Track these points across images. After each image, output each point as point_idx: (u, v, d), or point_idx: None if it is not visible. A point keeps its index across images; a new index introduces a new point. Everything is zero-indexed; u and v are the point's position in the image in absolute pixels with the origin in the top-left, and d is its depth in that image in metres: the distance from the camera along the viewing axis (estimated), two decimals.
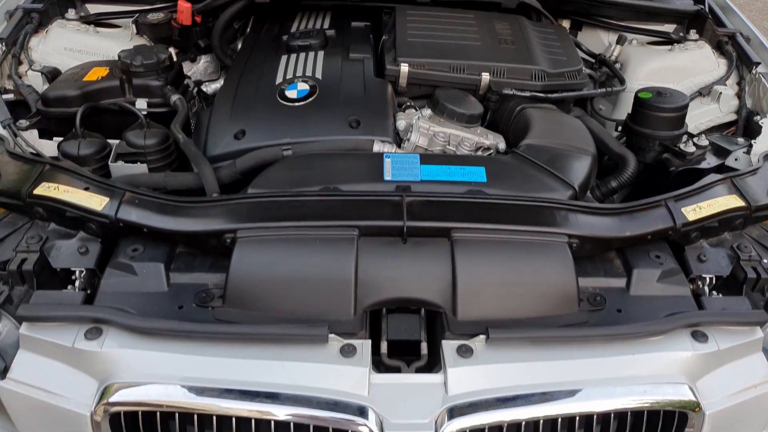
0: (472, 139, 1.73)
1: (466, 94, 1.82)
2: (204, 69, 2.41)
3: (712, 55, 2.19)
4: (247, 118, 1.73)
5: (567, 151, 1.65)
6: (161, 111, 1.87)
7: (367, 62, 1.93)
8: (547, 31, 2.11)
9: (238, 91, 1.82)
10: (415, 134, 1.68)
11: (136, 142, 1.75)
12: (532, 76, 1.89)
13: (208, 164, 1.58)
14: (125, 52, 1.86)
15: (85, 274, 1.41)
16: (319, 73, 1.85)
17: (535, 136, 1.68)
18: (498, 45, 1.96)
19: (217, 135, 1.71)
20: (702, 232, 1.52)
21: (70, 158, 1.73)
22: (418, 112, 1.79)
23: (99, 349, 1.25)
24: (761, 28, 5.77)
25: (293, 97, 1.76)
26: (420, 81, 1.89)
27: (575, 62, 1.96)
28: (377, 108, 1.74)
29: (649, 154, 1.93)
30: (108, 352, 1.25)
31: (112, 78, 1.86)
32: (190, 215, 1.43)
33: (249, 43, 2.16)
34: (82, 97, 1.82)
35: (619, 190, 1.80)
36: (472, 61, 1.88)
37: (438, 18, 2.07)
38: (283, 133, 1.68)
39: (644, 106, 1.88)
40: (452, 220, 1.39)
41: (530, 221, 1.42)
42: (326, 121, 1.70)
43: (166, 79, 1.87)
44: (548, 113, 1.80)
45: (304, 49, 2.00)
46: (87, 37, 2.08)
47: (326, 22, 2.24)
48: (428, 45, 1.92)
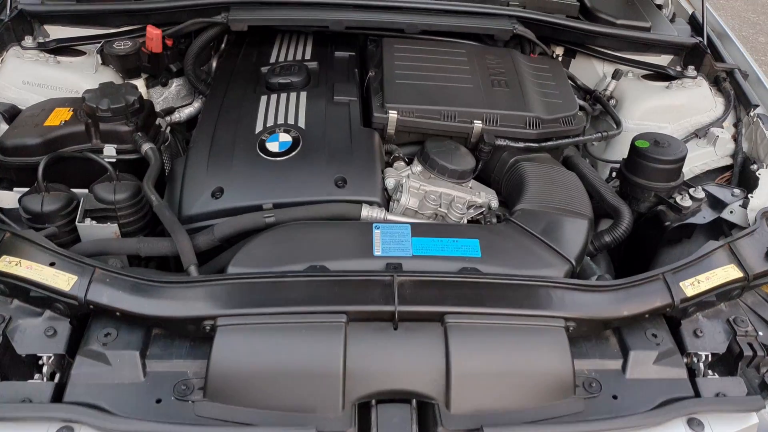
0: (464, 197, 1.65)
1: (457, 146, 1.73)
2: (177, 93, 2.27)
3: (709, 94, 2.12)
4: (224, 174, 1.61)
5: (563, 217, 1.58)
6: (132, 158, 1.74)
7: (353, 106, 1.82)
8: (542, 68, 2.01)
9: (215, 139, 1.70)
10: (405, 196, 1.59)
11: (105, 197, 1.64)
12: (526, 123, 1.80)
13: (184, 233, 1.48)
14: (90, 93, 1.72)
15: (53, 360, 1.32)
16: (302, 120, 1.74)
17: (530, 199, 1.60)
18: (491, 87, 1.86)
19: (192, 193, 1.60)
20: (699, 306, 1.48)
21: (33, 215, 1.61)
22: (407, 168, 1.70)
23: None
24: (747, 21, 5.73)
25: (275, 151, 1.65)
26: (409, 129, 1.79)
27: (571, 106, 1.88)
28: (364, 164, 1.64)
29: (643, 204, 1.87)
30: None
31: (76, 122, 1.72)
32: (167, 297, 1.33)
33: (225, 73, 2.02)
34: (43, 146, 1.68)
35: (612, 245, 1.74)
36: (463, 107, 1.78)
37: (427, 53, 1.96)
38: (264, 193, 1.57)
39: (641, 155, 1.81)
40: (446, 304, 1.32)
41: (526, 304, 1.35)
42: (311, 180, 1.60)
43: (136, 123, 1.74)
44: (542, 169, 1.72)
45: (285, 88, 1.87)
46: (47, 69, 1.92)
47: (308, 48, 2.11)
48: (417, 89, 1.81)
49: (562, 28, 2.14)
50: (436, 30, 2.06)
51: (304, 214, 1.52)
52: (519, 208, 1.58)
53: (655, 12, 2.36)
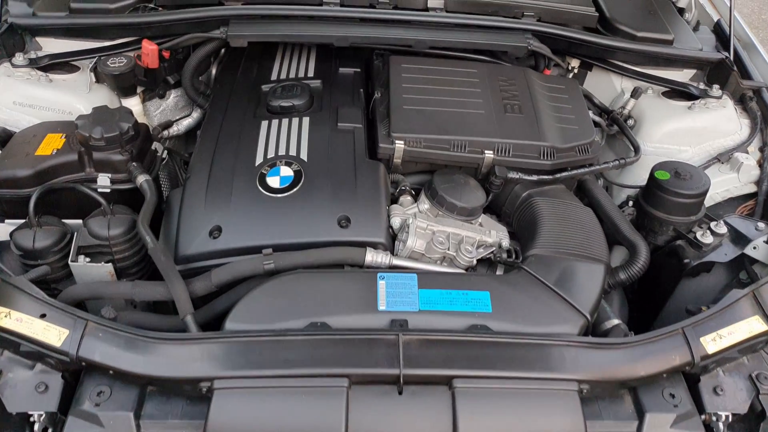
0: (474, 237, 1.57)
1: (466, 180, 1.64)
2: (175, 104, 2.19)
3: (734, 115, 2.01)
4: (223, 211, 1.54)
5: (578, 263, 1.50)
6: (126, 188, 1.67)
7: (358, 134, 1.73)
8: (557, 88, 1.91)
9: (213, 170, 1.62)
10: (411, 238, 1.51)
11: (99, 233, 1.57)
12: (540, 153, 1.71)
13: (180, 280, 1.41)
14: (83, 120, 1.64)
15: (45, 417, 1.26)
16: (304, 151, 1.65)
17: (544, 243, 1.52)
18: (504, 113, 1.76)
19: (190, 231, 1.52)
20: (719, 361, 1.41)
21: (24, 251, 1.54)
22: (414, 205, 1.62)
23: None
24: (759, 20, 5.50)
25: (275, 187, 1.57)
26: (416, 159, 1.71)
27: (587, 133, 1.78)
28: (369, 203, 1.56)
29: (660, 237, 1.79)
30: None
31: (68, 151, 1.65)
32: (162, 355, 1.27)
33: (224, 90, 1.93)
34: (35, 177, 1.61)
35: (627, 283, 1.67)
36: (474, 137, 1.69)
37: (436, 73, 1.85)
38: (264, 234, 1.50)
39: (660, 188, 1.73)
40: (453, 367, 1.26)
41: (538, 366, 1.29)
42: (313, 220, 1.52)
43: (131, 152, 1.66)
44: (556, 207, 1.64)
45: (286, 112, 1.78)
46: (39, 89, 1.82)
47: (311, 63, 2.01)
48: (425, 115, 1.72)
49: (579, 42, 2.02)
50: (446, 47, 1.95)
51: (305, 260, 1.45)
52: (532, 254, 1.50)
53: (677, 21, 2.23)
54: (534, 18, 2.07)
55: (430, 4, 2.03)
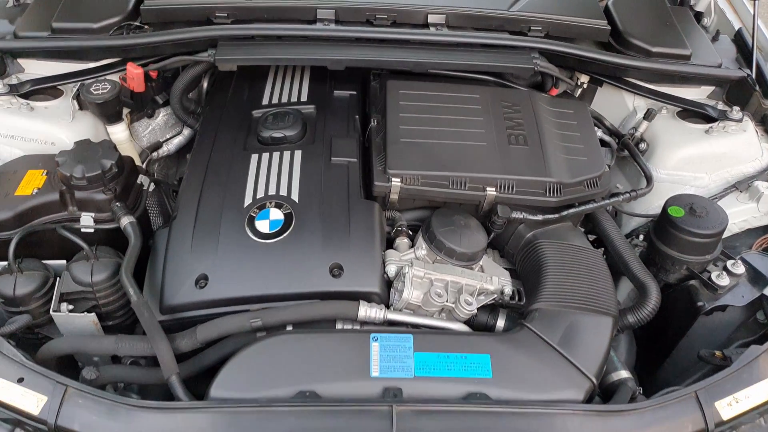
0: (474, 285, 1.48)
1: (467, 221, 1.55)
2: (164, 123, 2.10)
3: (755, 140, 1.88)
4: (210, 258, 1.46)
5: (584, 317, 1.41)
6: (111, 228, 1.59)
7: (352, 169, 1.64)
8: (565, 113, 1.80)
9: (200, 212, 1.54)
10: (407, 289, 1.43)
11: (82, 279, 1.50)
12: (546, 190, 1.61)
13: (164, 338, 1.34)
14: (64, 157, 1.56)
15: None
16: (296, 190, 1.56)
17: (549, 295, 1.43)
18: (507, 145, 1.66)
19: (175, 280, 1.45)
20: (734, 426, 1.33)
21: (5, 299, 1.48)
22: (411, 251, 1.53)
23: None
24: None
25: (264, 232, 1.49)
26: (413, 196, 1.61)
27: (597, 165, 1.68)
28: (363, 249, 1.47)
29: (672, 275, 1.70)
30: None
31: (49, 190, 1.57)
32: (146, 425, 1.21)
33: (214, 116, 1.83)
34: (15, 219, 1.54)
35: (635, 327, 1.58)
36: (475, 173, 1.59)
37: (436, 99, 1.75)
38: (252, 284, 1.43)
39: (673, 225, 1.63)
40: None
41: None
42: (304, 268, 1.44)
43: (115, 190, 1.58)
44: (563, 252, 1.54)
45: (277, 143, 1.69)
46: (20, 119, 1.73)
47: (304, 84, 1.90)
48: (423, 149, 1.61)
49: (589, 60, 1.90)
50: (447, 69, 1.84)
51: (294, 316, 1.37)
52: (536, 308, 1.42)
53: (696, 32, 2.09)
54: (541, 33, 1.95)
55: (431, 20, 1.91)
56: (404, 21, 1.92)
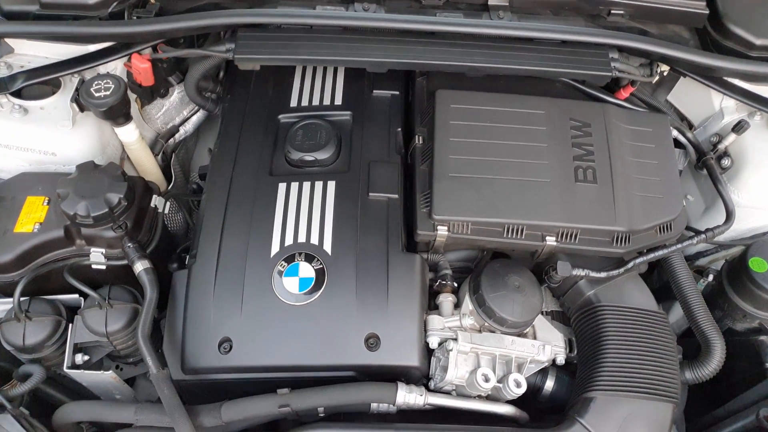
0: (525, 357, 1.34)
1: (522, 280, 1.36)
2: (180, 100, 1.87)
3: None
4: (233, 321, 1.32)
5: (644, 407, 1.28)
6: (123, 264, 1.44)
7: (392, 208, 1.43)
8: (644, 133, 1.52)
9: (221, 260, 1.37)
10: (452, 368, 1.29)
11: (96, 330, 1.39)
12: (613, 239, 1.40)
13: (185, 418, 1.24)
14: (65, 190, 1.37)
15: None
16: (328, 238, 1.37)
17: (606, 381, 1.29)
18: (573, 181, 1.42)
19: (197, 341, 1.32)
20: None
21: (15, 348, 1.38)
22: (456, 314, 1.37)
23: None
24: None
25: (293, 292, 1.33)
26: (461, 244, 1.42)
27: (674, 207, 1.44)
28: (403, 317, 1.31)
29: (740, 324, 1.53)
30: None
31: (52, 225, 1.40)
32: None
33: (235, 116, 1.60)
34: (18, 261, 1.39)
35: (693, 383, 1.45)
36: (533, 219, 1.38)
37: (493, 116, 1.48)
38: (279, 352, 1.30)
39: (752, 280, 1.44)
40: None
41: None
42: (336, 338, 1.30)
43: (125, 225, 1.40)
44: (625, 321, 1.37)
45: (308, 167, 1.48)
46: (13, 125, 1.50)
47: (338, 81, 1.64)
48: (476, 187, 1.38)
49: (680, 60, 1.59)
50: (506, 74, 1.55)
51: (327, 401, 1.25)
52: (591, 397, 1.28)
53: None
54: (623, 17, 1.62)
55: (491, 2, 1.59)
56: (460, 1, 1.60)
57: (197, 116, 1.89)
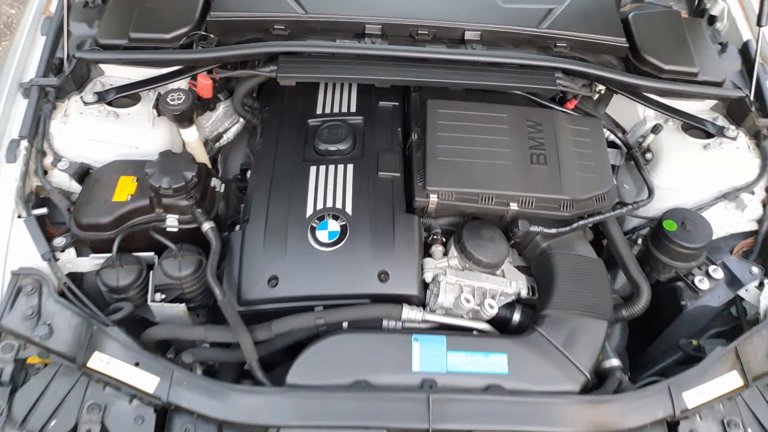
0: (496, 289, 1.80)
1: (492, 233, 1.84)
2: (223, 114, 2.36)
3: (747, 156, 2.13)
4: (279, 262, 1.77)
5: (584, 321, 1.74)
6: (192, 227, 1.90)
7: (396, 183, 1.91)
8: (582, 131, 2.04)
9: (268, 221, 1.83)
10: (442, 294, 1.75)
11: (171, 274, 1.83)
12: (560, 206, 1.89)
13: (245, 331, 1.67)
14: (152, 168, 1.84)
15: None
16: (349, 204, 1.85)
17: (557, 303, 1.75)
18: (529, 164, 1.92)
19: (251, 279, 1.77)
20: (697, 409, 1.67)
21: (109, 288, 1.81)
22: (444, 260, 1.83)
23: None
24: None
25: (324, 241, 1.79)
26: (447, 209, 1.90)
27: (606, 183, 1.94)
28: (405, 259, 1.78)
29: (663, 275, 2.00)
30: None
31: (141, 197, 1.86)
32: (237, 404, 1.56)
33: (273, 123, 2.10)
34: (114, 222, 1.84)
35: (627, 320, 1.91)
36: (500, 190, 1.86)
37: (469, 119, 1.99)
38: (315, 285, 1.75)
39: (667, 237, 1.92)
40: (473, 422, 1.54)
41: (544, 421, 1.57)
42: (357, 274, 1.75)
43: (195, 197, 1.87)
44: (571, 261, 1.85)
45: (332, 156, 1.96)
46: (107, 125, 2.00)
47: (353, 95, 2.15)
48: (457, 168, 1.88)
49: (609, 79, 2.12)
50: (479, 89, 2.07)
51: (350, 316, 1.70)
52: (546, 314, 1.74)
53: (705, 47, 2.28)
54: (566, 49, 2.16)
55: (467, 36, 2.12)
56: (443, 36, 2.13)
57: (236, 127, 2.38)
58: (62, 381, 1.63)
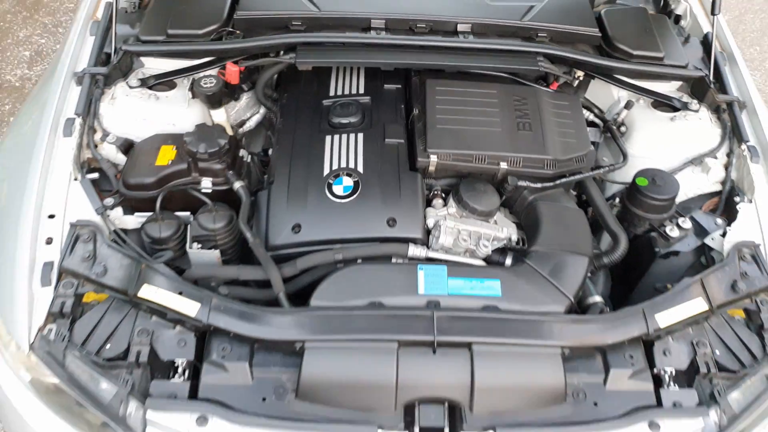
0: (489, 233, 2.06)
1: (485, 188, 2.12)
2: (246, 104, 2.66)
3: (709, 126, 2.42)
4: (301, 212, 2.04)
5: (568, 257, 1.99)
6: (224, 189, 2.18)
7: (401, 148, 2.20)
8: (561, 104, 2.34)
9: (291, 180, 2.11)
10: (442, 236, 2.02)
11: (207, 226, 2.09)
12: (544, 164, 2.17)
13: (275, 267, 1.93)
14: (190, 137, 2.13)
15: (185, 363, 1.82)
16: (360, 164, 2.13)
17: (543, 242, 2.01)
18: (516, 131, 2.21)
19: (277, 226, 2.03)
20: (670, 331, 1.91)
21: (153, 239, 2.07)
22: (444, 209, 2.11)
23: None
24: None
25: (340, 194, 2.06)
26: (446, 169, 2.18)
27: (584, 146, 2.23)
28: (410, 207, 2.05)
29: (639, 228, 2.27)
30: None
31: (180, 161, 2.14)
32: (267, 323, 1.80)
33: (292, 104, 2.40)
34: (157, 182, 2.12)
35: (609, 266, 2.16)
36: (492, 151, 2.15)
37: (463, 95, 2.29)
38: (332, 230, 2.01)
39: (640, 192, 2.19)
40: (472, 335, 1.78)
41: (532, 335, 1.80)
42: (368, 221, 2.02)
43: (227, 162, 2.16)
44: (554, 209, 2.11)
45: (345, 128, 2.26)
46: (149, 105, 2.31)
47: (361, 80, 2.46)
48: (454, 134, 2.17)
49: (584, 62, 2.43)
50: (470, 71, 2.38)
51: (364, 252, 1.96)
52: (533, 250, 2.00)
53: (669, 37, 2.61)
54: (546, 39, 2.48)
55: (460, 28, 2.44)
56: (439, 29, 2.45)
57: (256, 117, 2.68)
58: (115, 313, 1.87)
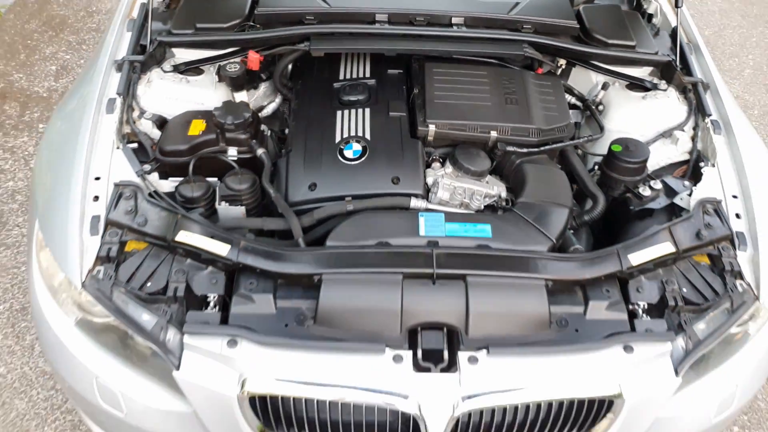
0: (482, 191, 2.34)
1: (478, 152, 2.41)
2: (264, 93, 2.97)
3: (677, 103, 2.73)
4: (316, 173, 2.33)
5: (550, 207, 2.27)
6: (247, 157, 2.47)
7: (403, 120, 2.50)
8: (545, 84, 2.65)
9: (307, 147, 2.41)
10: (440, 191, 2.30)
11: (233, 187, 2.37)
12: (530, 133, 2.47)
13: (294, 216, 2.21)
14: (218, 110, 2.43)
15: (216, 298, 2.08)
16: (368, 132, 2.43)
17: (528, 195, 2.29)
18: (504, 104, 2.51)
19: (295, 186, 2.32)
20: (641, 271, 2.17)
21: (186, 198, 2.35)
22: (442, 169, 2.40)
23: (236, 355, 1.92)
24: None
25: (350, 157, 2.36)
26: (443, 137, 2.48)
27: (564, 118, 2.53)
28: (412, 168, 2.34)
29: (615, 191, 2.55)
30: (242, 356, 1.92)
31: (209, 131, 2.44)
32: (289, 260, 2.06)
33: (307, 89, 2.71)
34: (189, 150, 2.41)
35: (590, 222, 2.44)
36: (483, 121, 2.45)
37: (458, 75, 2.61)
38: (344, 188, 2.29)
39: (615, 157, 2.48)
40: (467, 268, 2.04)
41: (520, 269, 2.06)
42: (375, 179, 2.31)
43: (251, 133, 2.45)
44: (539, 169, 2.40)
45: (353, 105, 2.56)
46: (181, 87, 2.62)
47: (367, 66, 2.78)
48: (450, 107, 2.48)
49: (564, 49, 2.76)
50: (464, 56, 2.70)
51: (372, 204, 2.24)
52: (520, 201, 2.28)
53: (641, 30, 2.94)
54: (531, 30, 2.80)
55: (454, 21, 2.76)
56: (435, 22, 2.78)
57: (273, 105, 2.97)
58: (154, 258, 2.13)
